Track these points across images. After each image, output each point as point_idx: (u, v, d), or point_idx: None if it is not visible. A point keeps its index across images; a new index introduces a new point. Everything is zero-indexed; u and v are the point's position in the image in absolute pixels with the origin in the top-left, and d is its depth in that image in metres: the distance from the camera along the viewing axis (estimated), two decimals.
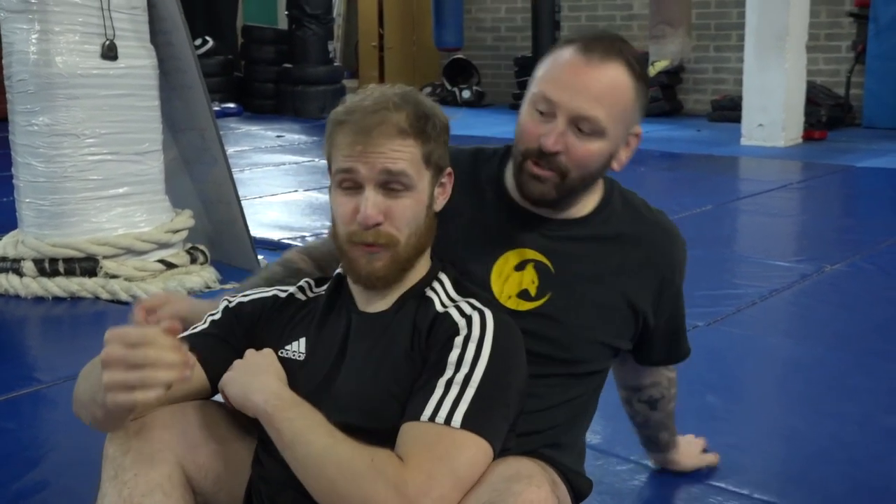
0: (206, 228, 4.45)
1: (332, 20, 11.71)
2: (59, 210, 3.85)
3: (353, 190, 1.51)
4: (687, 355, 2.01)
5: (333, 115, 1.55)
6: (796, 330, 3.67)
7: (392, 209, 1.50)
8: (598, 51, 1.63)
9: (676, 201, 5.72)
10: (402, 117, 1.50)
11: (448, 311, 1.53)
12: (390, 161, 1.48)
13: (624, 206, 1.81)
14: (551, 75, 1.66)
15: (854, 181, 7.11)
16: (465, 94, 12.41)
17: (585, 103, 1.61)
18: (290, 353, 1.59)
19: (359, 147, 1.48)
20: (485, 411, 1.40)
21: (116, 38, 3.86)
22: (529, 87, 1.71)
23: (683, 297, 1.90)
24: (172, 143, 4.37)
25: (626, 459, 2.37)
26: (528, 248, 1.73)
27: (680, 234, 1.86)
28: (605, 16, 12.17)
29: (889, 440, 2.55)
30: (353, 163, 1.49)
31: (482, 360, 1.44)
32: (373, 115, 1.49)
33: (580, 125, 1.62)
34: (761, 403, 2.96)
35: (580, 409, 1.78)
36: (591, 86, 1.61)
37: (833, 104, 9.79)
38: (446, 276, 1.61)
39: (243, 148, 8.67)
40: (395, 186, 1.50)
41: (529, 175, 1.67)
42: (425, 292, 1.57)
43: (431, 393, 1.41)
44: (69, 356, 3.28)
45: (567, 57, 1.65)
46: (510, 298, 1.71)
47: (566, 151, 1.63)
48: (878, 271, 4.29)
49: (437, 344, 1.48)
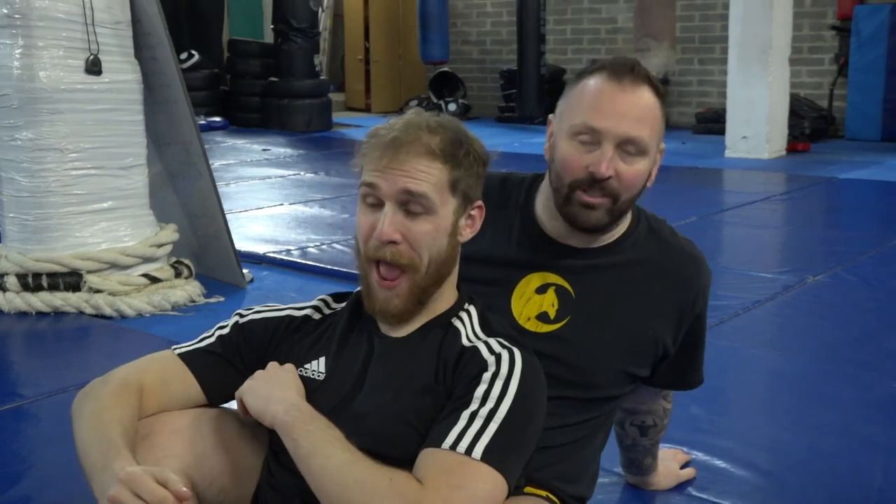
0: (191, 242, 4.45)
1: (317, 34, 11.73)
2: (42, 225, 3.84)
3: (375, 206, 1.51)
4: (697, 385, 2.00)
5: (369, 133, 1.56)
6: (779, 341, 3.69)
7: (410, 230, 1.49)
8: (628, 76, 1.68)
9: (661, 213, 5.66)
10: (434, 139, 1.51)
11: (476, 346, 1.53)
12: (412, 181, 1.48)
13: (649, 232, 1.83)
14: (589, 105, 1.68)
15: (837, 193, 7.15)
16: (451, 107, 12.44)
17: (631, 126, 1.66)
18: (309, 371, 1.58)
19: (384, 161, 1.49)
20: (505, 447, 1.41)
21: (100, 52, 3.87)
22: (557, 121, 1.74)
23: (705, 325, 1.90)
24: (157, 157, 4.37)
25: (608, 472, 2.37)
26: (550, 272, 1.75)
27: (705, 262, 1.87)
28: (590, 29, 12.24)
29: (869, 450, 2.56)
30: (376, 178, 1.49)
31: (508, 398, 1.44)
32: (405, 133, 1.50)
33: (627, 148, 1.67)
34: (744, 414, 2.97)
35: (589, 431, 1.79)
36: (631, 110, 1.67)
37: (816, 116, 9.86)
38: (474, 309, 1.61)
39: (229, 161, 8.67)
40: (415, 208, 1.49)
41: (581, 205, 1.69)
42: (452, 322, 1.57)
43: (455, 423, 1.41)
44: (53, 371, 3.27)
45: (599, 86, 1.69)
46: (529, 320, 1.73)
47: (616, 175, 1.67)
48: (859, 282, 4.32)
49: (464, 378, 1.48)
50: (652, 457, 2.21)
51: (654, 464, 2.24)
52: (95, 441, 1.43)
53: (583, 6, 12.30)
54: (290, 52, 11.15)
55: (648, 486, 2.30)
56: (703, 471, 2.41)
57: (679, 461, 2.39)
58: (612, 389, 1.79)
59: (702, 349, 1.93)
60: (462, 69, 13.15)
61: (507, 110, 12.02)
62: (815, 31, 10.57)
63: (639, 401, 2.04)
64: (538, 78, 11.30)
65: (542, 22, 11.25)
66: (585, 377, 1.72)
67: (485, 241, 1.73)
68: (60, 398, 2.88)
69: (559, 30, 12.39)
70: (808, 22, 10.49)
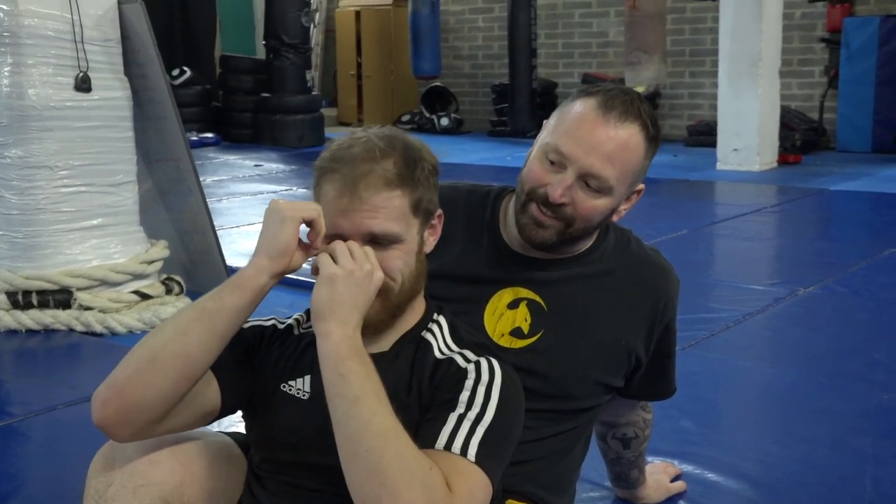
0: (182, 259, 4.44)
1: (309, 49, 11.76)
2: (32, 242, 3.84)
3: None
4: (669, 395, 1.99)
5: (320, 161, 1.52)
6: (770, 353, 3.69)
7: (382, 260, 1.48)
8: (617, 109, 1.63)
9: (653, 226, 5.75)
10: (389, 166, 1.47)
11: (451, 357, 1.52)
12: (376, 221, 1.46)
13: (618, 243, 1.82)
14: (567, 128, 1.65)
15: (828, 204, 7.17)
16: (444, 122, 12.47)
17: (598, 162, 1.62)
18: (294, 389, 1.55)
19: (344, 200, 1.46)
20: (491, 452, 1.40)
21: (90, 70, 3.87)
22: (543, 132, 1.71)
23: (676, 335, 1.89)
24: (147, 174, 4.37)
25: (598, 485, 2.37)
26: (521, 286, 1.75)
27: (673, 272, 1.86)
28: (581, 43, 12.28)
29: (859, 462, 2.56)
30: (339, 220, 1.47)
31: (492, 403, 1.44)
32: (360, 165, 1.47)
33: (588, 181, 1.64)
34: (734, 426, 2.97)
35: (568, 443, 1.79)
36: (605, 145, 1.62)
37: (807, 128, 9.90)
38: (443, 319, 1.60)
39: (221, 177, 8.67)
40: (383, 241, 1.48)
41: (532, 220, 1.68)
42: (423, 336, 1.56)
43: (444, 424, 1.40)
44: (43, 389, 3.26)
45: (585, 111, 1.65)
46: (503, 336, 1.72)
47: (573, 204, 1.64)
48: (850, 294, 4.32)
49: (444, 386, 1.47)
50: (638, 469, 2.21)
51: (641, 477, 2.24)
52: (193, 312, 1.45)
53: (574, 20, 12.34)
54: (282, 68, 11.17)
55: (638, 499, 2.29)
56: (694, 484, 2.41)
57: (669, 474, 2.39)
58: (588, 400, 1.78)
59: (673, 359, 1.93)
60: (454, 84, 13.18)
61: (500, 124, 12.04)
62: (805, 44, 10.61)
63: (617, 413, 2.04)
64: (530, 92, 11.33)
65: (534, 36, 11.29)
66: (561, 389, 1.72)
67: (454, 258, 1.72)
68: (50, 416, 2.88)
69: (550, 44, 12.43)
70: (797, 34, 10.54)
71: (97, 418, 1.44)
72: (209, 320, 1.43)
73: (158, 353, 1.42)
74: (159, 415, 1.44)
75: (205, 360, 1.44)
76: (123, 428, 1.45)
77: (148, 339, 1.46)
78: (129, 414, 1.43)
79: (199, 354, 1.43)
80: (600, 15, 12.13)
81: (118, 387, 1.43)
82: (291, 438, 1.52)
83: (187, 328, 1.43)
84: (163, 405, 1.44)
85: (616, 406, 2.00)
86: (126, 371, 1.43)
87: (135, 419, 1.44)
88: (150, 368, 1.42)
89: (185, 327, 1.43)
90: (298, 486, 1.51)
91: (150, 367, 1.42)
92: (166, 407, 1.44)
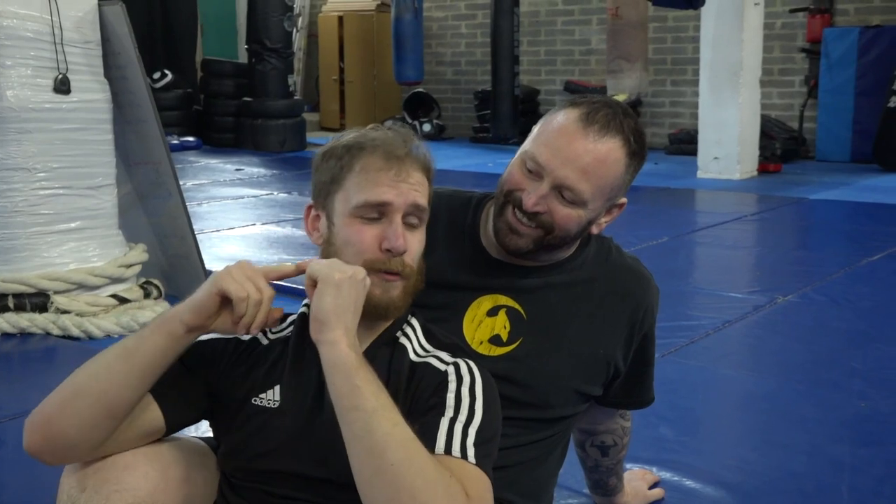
0: (161, 262, 4.42)
1: (292, 54, 11.74)
2: (9, 245, 3.80)
3: (374, 220, 1.48)
4: (648, 403, 1.99)
5: (347, 143, 1.52)
6: (748, 361, 3.70)
7: (410, 242, 1.49)
8: (599, 123, 1.62)
9: (633, 233, 5.76)
10: (420, 154, 1.51)
11: (426, 360, 1.51)
12: (419, 195, 1.49)
13: (598, 252, 1.82)
14: (546, 138, 1.65)
15: (807, 213, 7.21)
16: (426, 128, 12.46)
17: (572, 174, 1.62)
18: (264, 401, 1.52)
19: (392, 172, 1.47)
20: (485, 451, 1.40)
21: (70, 71, 3.85)
22: (527, 139, 1.71)
23: (654, 343, 1.89)
24: (126, 176, 4.35)
25: (577, 493, 2.37)
26: (500, 294, 1.74)
27: (653, 281, 1.86)
28: (564, 50, 12.31)
29: (837, 470, 2.57)
30: (387, 194, 1.46)
31: (478, 404, 1.44)
32: (401, 146, 1.49)
33: (563, 193, 1.63)
34: (713, 435, 2.98)
35: (545, 450, 1.78)
36: (582, 158, 1.61)
37: (787, 137, 9.96)
38: (416, 321, 1.59)
39: (202, 181, 8.64)
40: (413, 221, 1.49)
41: (508, 226, 1.68)
42: (397, 338, 1.55)
43: (437, 429, 1.39)
44: (18, 393, 3.22)
45: (566, 123, 1.64)
46: (482, 344, 1.71)
47: (550, 212, 1.64)
48: (828, 302, 4.34)
49: (424, 391, 1.46)
50: (617, 477, 2.21)
51: (619, 484, 2.23)
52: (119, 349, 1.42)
53: (556, 28, 12.37)
54: (265, 72, 11.14)
55: None
56: (672, 491, 2.41)
57: (647, 481, 2.39)
58: (566, 409, 1.78)
59: (651, 368, 1.93)
60: (436, 90, 13.19)
61: (482, 131, 12.05)
62: (785, 54, 10.68)
63: (596, 421, 2.04)
64: (512, 99, 11.34)
65: (516, 43, 11.30)
66: (539, 397, 1.71)
67: (434, 265, 1.71)
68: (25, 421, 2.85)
69: (533, 51, 12.46)
70: (778, 44, 10.60)
71: (26, 445, 1.43)
72: (129, 360, 1.41)
73: (81, 390, 1.40)
74: (86, 448, 1.43)
75: (126, 398, 1.41)
76: (52, 456, 1.44)
77: (76, 373, 1.43)
78: (55, 445, 1.42)
79: (119, 393, 1.40)
80: (583, 23, 12.16)
81: (45, 417, 1.42)
82: (263, 448, 1.50)
83: (109, 366, 1.41)
84: (87, 441, 1.42)
85: (595, 414, 2.00)
86: (53, 403, 1.42)
87: (61, 450, 1.43)
88: (73, 404, 1.40)
89: (106, 365, 1.41)
90: (273, 493, 1.49)
91: (72, 403, 1.40)
92: (92, 442, 1.42)
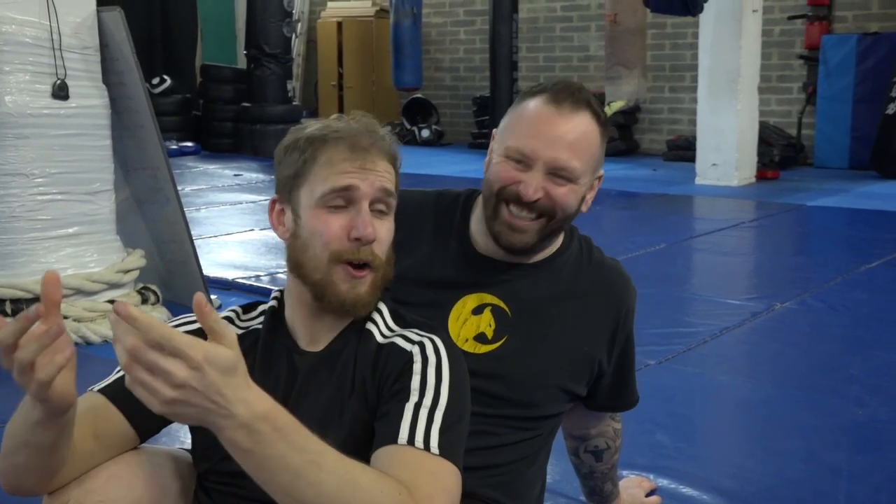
0: (159, 268, 4.42)
1: (290, 60, 11.76)
2: (7, 250, 3.80)
3: (340, 209, 1.45)
4: (634, 404, 1.99)
5: (310, 133, 1.49)
6: (746, 368, 3.70)
7: (378, 230, 1.46)
8: (568, 101, 1.66)
9: (631, 240, 5.77)
10: (385, 143, 1.49)
11: (392, 340, 1.49)
12: (387, 181, 1.46)
13: (581, 250, 1.83)
14: (525, 129, 1.67)
15: (805, 220, 7.22)
16: (425, 133, 12.48)
17: (563, 153, 1.64)
18: None
19: (358, 162, 1.45)
20: (451, 438, 1.38)
21: (68, 77, 3.85)
22: (496, 138, 1.72)
23: (634, 344, 1.90)
24: (124, 182, 4.35)
25: (573, 500, 2.37)
26: (486, 292, 1.74)
27: (631, 281, 1.87)
28: (562, 56, 12.33)
29: (834, 477, 2.57)
30: (353, 179, 1.44)
31: (444, 386, 1.41)
32: (365, 136, 1.47)
33: (558, 173, 1.65)
34: (710, 441, 2.98)
35: (530, 450, 1.78)
36: (566, 136, 1.64)
37: (785, 144, 9.97)
38: (384, 305, 1.56)
39: (200, 187, 8.64)
40: (382, 207, 1.47)
41: (507, 226, 1.68)
42: (365, 325, 1.52)
43: (401, 416, 1.37)
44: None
45: (538, 109, 1.67)
46: (467, 342, 1.71)
47: (547, 195, 1.65)
48: (826, 309, 4.35)
49: (390, 374, 1.44)
50: (612, 482, 2.20)
51: (615, 490, 2.23)
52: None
53: (555, 34, 12.40)
54: (263, 78, 11.16)
55: None
56: (669, 499, 2.41)
57: (644, 489, 2.39)
58: (551, 407, 1.78)
59: (633, 368, 1.94)
60: (435, 96, 13.21)
61: (480, 136, 12.06)
62: (783, 60, 10.70)
63: (587, 426, 2.04)
64: (510, 105, 11.35)
65: (515, 49, 11.32)
66: (524, 395, 1.71)
67: (420, 262, 1.71)
68: None
69: (532, 57, 12.48)
70: (776, 51, 10.62)
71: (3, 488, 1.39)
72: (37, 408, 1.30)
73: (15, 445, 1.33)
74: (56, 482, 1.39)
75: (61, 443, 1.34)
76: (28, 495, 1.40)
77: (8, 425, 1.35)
78: (21, 491, 1.38)
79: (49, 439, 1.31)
80: (581, 29, 12.19)
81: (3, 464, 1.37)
82: None
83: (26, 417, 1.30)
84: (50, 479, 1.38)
85: (585, 419, 2.01)
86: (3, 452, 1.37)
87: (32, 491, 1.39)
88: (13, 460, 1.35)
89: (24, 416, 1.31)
90: (244, 497, 1.46)
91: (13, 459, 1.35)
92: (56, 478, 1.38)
